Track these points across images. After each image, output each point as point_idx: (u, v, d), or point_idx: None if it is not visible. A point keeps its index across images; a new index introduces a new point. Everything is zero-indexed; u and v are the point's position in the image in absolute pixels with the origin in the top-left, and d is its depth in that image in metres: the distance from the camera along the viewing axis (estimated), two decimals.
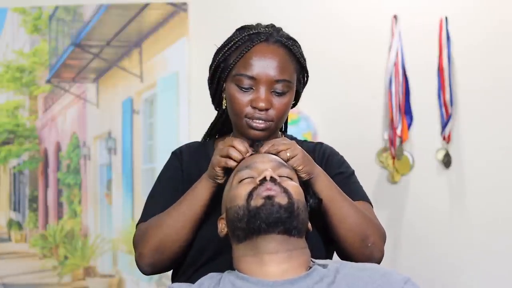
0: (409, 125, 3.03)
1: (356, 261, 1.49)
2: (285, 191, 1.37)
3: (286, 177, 1.43)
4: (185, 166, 1.68)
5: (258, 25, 1.64)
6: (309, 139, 2.19)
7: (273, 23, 1.67)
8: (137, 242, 1.61)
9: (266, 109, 1.56)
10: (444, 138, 3.03)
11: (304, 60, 1.64)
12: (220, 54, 1.62)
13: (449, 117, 3.00)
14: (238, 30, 1.65)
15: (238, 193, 1.40)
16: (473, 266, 3.02)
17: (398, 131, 3.00)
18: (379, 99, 3.06)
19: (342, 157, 1.72)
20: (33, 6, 3.20)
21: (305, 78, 1.67)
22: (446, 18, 3.03)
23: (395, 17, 3.05)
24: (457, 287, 3.04)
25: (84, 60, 3.20)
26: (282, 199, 1.36)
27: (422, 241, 3.04)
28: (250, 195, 1.37)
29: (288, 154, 1.49)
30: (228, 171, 1.50)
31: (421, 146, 3.05)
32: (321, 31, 3.07)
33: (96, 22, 3.17)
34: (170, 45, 3.14)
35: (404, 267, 2.95)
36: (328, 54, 3.04)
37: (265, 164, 1.44)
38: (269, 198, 1.35)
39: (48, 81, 3.21)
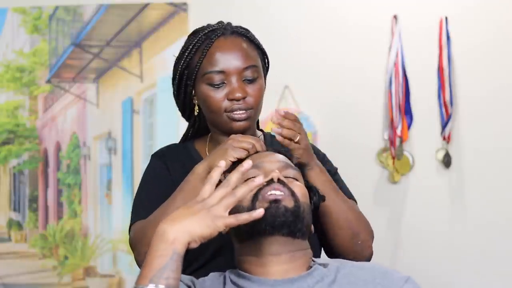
0: (409, 125, 3.03)
1: (345, 258, 1.51)
2: (292, 193, 1.36)
3: (292, 178, 1.42)
4: (170, 167, 1.66)
5: (209, 25, 1.67)
6: (309, 139, 2.18)
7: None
8: (136, 242, 1.58)
9: (244, 98, 1.58)
10: (444, 138, 3.03)
11: (261, 45, 1.67)
12: (182, 61, 1.64)
13: (449, 117, 3.00)
14: (190, 35, 1.67)
15: None
16: (473, 265, 3.02)
17: (398, 131, 3.00)
18: (379, 99, 3.06)
19: (325, 155, 1.74)
20: (33, 6, 3.20)
21: (267, 63, 1.70)
22: (446, 18, 3.03)
23: (395, 17, 3.04)
24: (457, 286, 3.04)
25: (84, 60, 3.20)
26: (288, 202, 1.34)
27: (422, 241, 3.04)
28: (255, 196, 1.35)
29: (298, 138, 1.52)
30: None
31: (421, 146, 3.05)
32: (321, 31, 3.07)
33: (96, 22, 3.17)
34: (170, 45, 3.14)
35: (404, 266, 2.94)
36: (328, 54, 3.05)
37: (272, 164, 1.43)
38: (275, 201, 1.33)
39: (48, 81, 3.21)
